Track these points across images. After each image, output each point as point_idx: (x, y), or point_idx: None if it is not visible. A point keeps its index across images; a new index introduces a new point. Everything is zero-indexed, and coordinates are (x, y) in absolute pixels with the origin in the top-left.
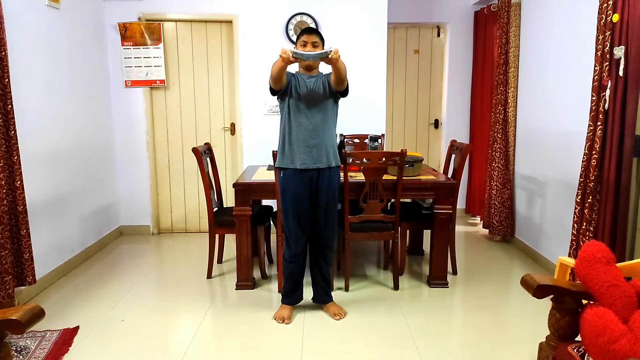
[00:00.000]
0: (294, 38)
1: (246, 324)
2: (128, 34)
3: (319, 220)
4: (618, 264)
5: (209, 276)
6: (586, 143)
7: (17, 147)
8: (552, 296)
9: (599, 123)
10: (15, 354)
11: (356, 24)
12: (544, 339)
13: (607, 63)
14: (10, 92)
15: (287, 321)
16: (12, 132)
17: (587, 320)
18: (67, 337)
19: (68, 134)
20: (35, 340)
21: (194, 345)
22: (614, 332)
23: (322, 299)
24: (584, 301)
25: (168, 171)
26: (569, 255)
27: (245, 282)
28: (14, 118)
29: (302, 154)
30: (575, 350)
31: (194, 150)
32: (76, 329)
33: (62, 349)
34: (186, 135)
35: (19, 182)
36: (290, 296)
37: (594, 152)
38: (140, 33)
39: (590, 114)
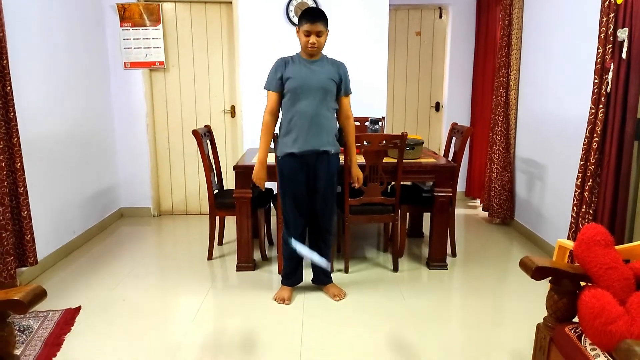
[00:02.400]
0: (295, 19)
1: (246, 305)
2: (127, 15)
3: (317, 204)
4: (617, 247)
5: (210, 258)
6: (587, 126)
7: (17, 129)
8: (550, 278)
9: (600, 106)
10: (18, 333)
11: (357, 5)
12: (542, 320)
13: (611, 45)
14: (9, 74)
15: (287, 302)
16: (12, 114)
17: (584, 301)
18: (70, 316)
19: (68, 116)
20: (38, 320)
21: (195, 325)
22: (611, 313)
23: (322, 281)
24: (582, 283)
25: (168, 154)
26: (568, 238)
27: (246, 263)
28: (13, 100)
29: (301, 140)
30: (572, 331)
31: (194, 132)
32: (78, 308)
33: (65, 329)
34: (186, 117)
35: (19, 164)
36: (290, 277)
37: (595, 135)
38: (139, 14)
39: (592, 97)
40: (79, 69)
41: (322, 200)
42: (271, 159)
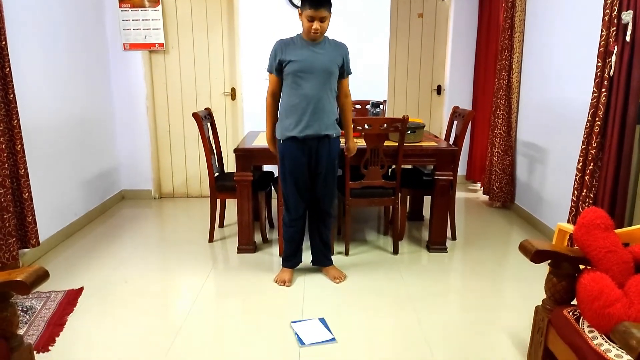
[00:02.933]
0: (296, 1)
1: (248, 287)
2: None
3: (318, 188)
4: (617, 230)
5: (211, 240)
6: (589, 110)
7: (17, 110)
8: (549, 261)
9: (603, 89)
10: (21, 313)
11: None
12: (540, 303)
13: (615, 28)
14: (7, 56)
15: (288, 284)
16: (11, 95)
17: (583, 284)
18: (72, 297)
19: (67, 98)
20: (40, 300)
21: (196, 306)
22: (609, 296)
23: (322, 262)
24: (581, 266)
25: (169, 136)
26: (568, 222)
27: (247, 246)
28: (12, 81)
29: (303, 124)
30: (570, 313)
31: (195, 115)
32: (80, 289)
33: (67, 309)
34: (186, 100)
35: (19, 146)
36: (290, 260)
37: (597, 119)
38: None
39: (595, 80)
40: (78, 50)
41: (323, 183)
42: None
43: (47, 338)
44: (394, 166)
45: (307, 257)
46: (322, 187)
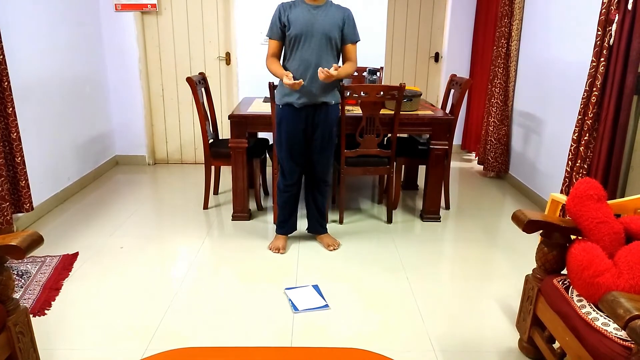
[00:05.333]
0: None
1: (242, 253)
2: None
3: (315, 155)
4: (609, 201)
5: (205, 207)
6: (587, 79)
7: (7, 72)
8: (541, 231)
9: (602, 59)
10: (17, 277)
11: None
12: (531, 272)
13: None
14: None
15: (282, 251)
16: (1, 57)
17: (574, 254)
18: (67, 262)
19: (59, 60)
20: (35, 265)
21: (191, 273)
22: (599, 266)
23: (317, 230)
24: (573, 237)
25: (162, 101)
26: (562, 192)
27: (241, 213)
28: (1, 42)
29: (300, 90)
30: (560, 282)
31: (188, 80)
32: (75, 254)
33: (63, 274)
34: (180, 64)
35: (10, 109)
36: (284, 226)
37: (594, 89)
38: None
39: (594, 49)
40: (68, 10)
41: (320, 150)
42: (267, 107)
43: (43, 302)
44: (389, 135)
45: (301, 224)
46: (318, 154)
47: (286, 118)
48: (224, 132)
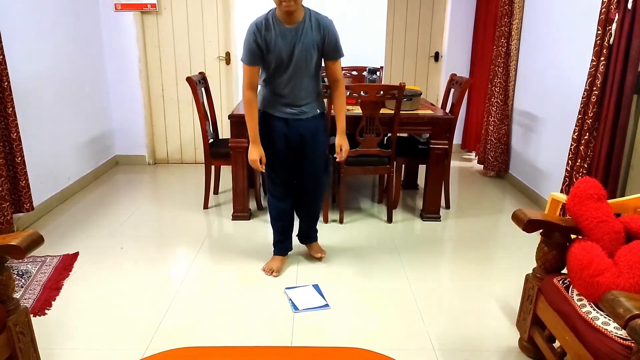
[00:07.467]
0: None
1: (242, 253)
2: None
3: (308, 168)
4: (609, 201)
5: (206, 207)
6: (587, 79)
7: (7, 72)
8: (541, 231)
9: (602, 58)
10: (17, 277)
11: None
12: (531, 272)
13: None
14: None
15: (276, 274)
16: (1, 57)
17: (574, 253)
18: (67, 262)
19: (58, 60)
20: (36, 265)
21: (191, 273)
22: (599, 265)
23: (308, 237)
24: (573, 236)
25: (162, 101)
26: (562, 192)
27: (241, 212)
28: (1, 42)
29: (282, 106)
30: (560, 282)
31: (188, 79)
32: (76, 254)
33: (63, 274)
34: (180, 63)
35: (10, 109)
36: (283, 242)
37: (594, 88)
38: None
39: (594, 48)
40: (68, 10)
41: (311, 163)
42: None
43: (43, 302)
44: (389, 134)
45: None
46: (310, 166)
47: (267, 129)
48: (224, 131)
